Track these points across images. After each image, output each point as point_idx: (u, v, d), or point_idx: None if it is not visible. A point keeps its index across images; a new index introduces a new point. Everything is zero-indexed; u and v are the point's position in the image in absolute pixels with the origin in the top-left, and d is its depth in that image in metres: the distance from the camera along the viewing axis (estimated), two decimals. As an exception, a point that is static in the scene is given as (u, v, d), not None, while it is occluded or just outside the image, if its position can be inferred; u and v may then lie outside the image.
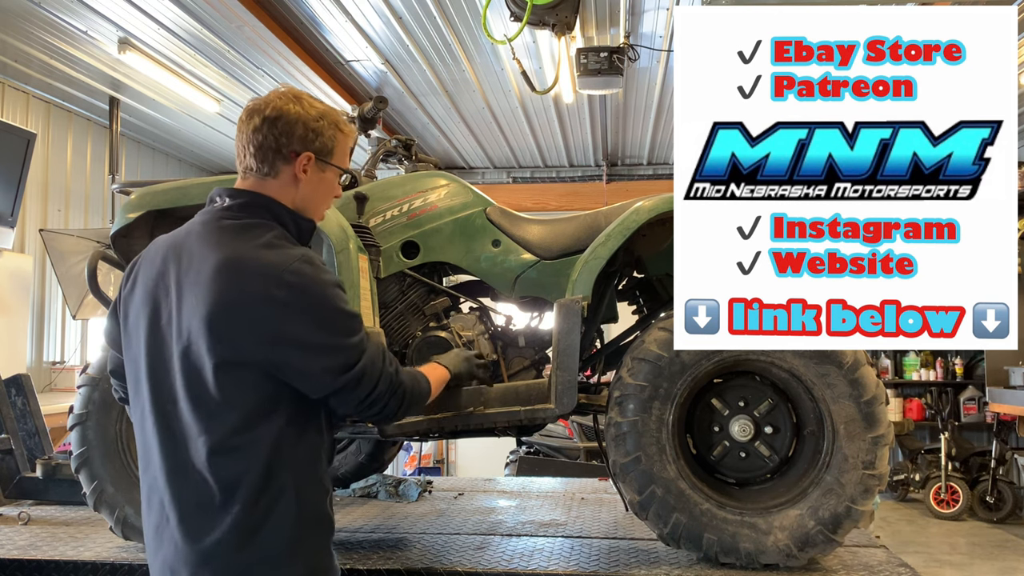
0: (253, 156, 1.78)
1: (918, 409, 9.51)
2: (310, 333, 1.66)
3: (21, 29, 5.85)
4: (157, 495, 1.69)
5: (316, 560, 1.69)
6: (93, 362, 2.96)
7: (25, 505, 3.69)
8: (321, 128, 1.80)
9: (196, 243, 1.73)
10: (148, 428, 1.71)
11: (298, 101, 1.79)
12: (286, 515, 1.65)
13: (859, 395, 2.50)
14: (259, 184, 1.80)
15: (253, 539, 1.62)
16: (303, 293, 1.65)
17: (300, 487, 1.68)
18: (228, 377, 1.63)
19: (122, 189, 3.13)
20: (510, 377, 2.92)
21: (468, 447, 9.37)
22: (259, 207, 1.77)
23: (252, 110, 1.79)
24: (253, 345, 1.63)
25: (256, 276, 1.64)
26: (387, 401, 1.80)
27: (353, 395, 1.74)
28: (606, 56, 5.75)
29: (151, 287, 1.75)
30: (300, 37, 6.19)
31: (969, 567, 6.75)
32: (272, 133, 1.76)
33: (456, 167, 10.29)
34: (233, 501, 1.62)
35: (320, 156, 1.81)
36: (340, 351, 1.70)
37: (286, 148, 1.77)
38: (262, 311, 1.63)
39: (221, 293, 1.63)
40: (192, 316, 1.65)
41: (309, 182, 1.81)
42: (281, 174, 1.79)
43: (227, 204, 1.78)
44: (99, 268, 2.95)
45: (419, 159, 3.37)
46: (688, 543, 2.55)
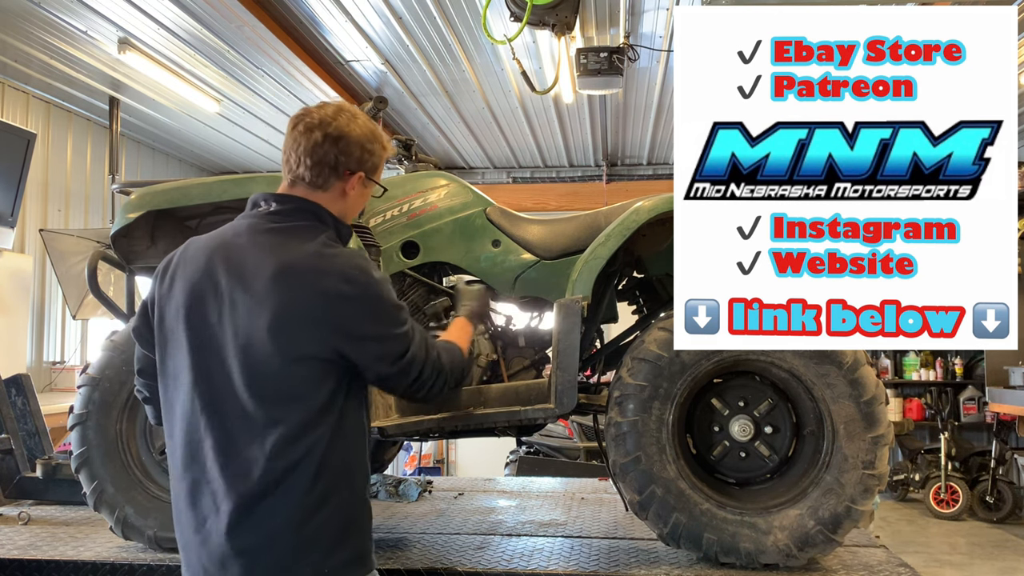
0: (309, 169, 1.86)
1: (918, 409, 9.51)
2: (369, 324, 1.79)
3: (21, 29, 5.85)
4: (208, 489, 1.73)
5: (363, 542, 1.81)
6: (93, 362, 2.96)
7: (25, 505, 3.69)
8: (374, 149, 1.93)
9: (248, 245, 1.79)
10: (198, 425, 1.75)
11: (355, 119, 1.90)
12: (342, 499, 1.76)
13: (859, 395, 2.50)
14: (308, 193, 1.88)
15: (310, 522, 1.71)
16: (363, 288, 1.78)
17: (353, 473, 1.79)
18: (296, 372, 1.72)
19: (122, 189, 3.14)
20: (510, 377, 2.92)
21: (468, 447, 9.37)
22: (307, 212, 1.87)
23: (312, 125, 1.85)
24: (320, 339, 1.73)
25: (322, 274, 1.74)
26: (432, 384, 1.92)
27: (403, 379, 1.87)
28: (606, 56, 5.75)
29: (195, 287, 1.79)
30: (300, 37, 6.19)
31: (969, 567, 6.75)
32: (333, 152, 1.86)
33: (456, 167, 10.29)
34: (294, 487, 1.70)
35: (369, 175, 1.94)
36: (393, 340, 1.82)
37: (343, 167, 1.88)
38: (329, 307, 1.73)
39: (286, 293, 1.72)
40: (255, 316, 1.72)
41: (354, 196, 1.94)
42: (332, 188, 1.89)
43: (275, 208, 1.86)
44: (99, 268, 2.96)
45: (419, 159, 3.37)
46: (688, 543, 2.55)
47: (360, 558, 1.79)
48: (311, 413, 1.72)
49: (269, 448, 1.70)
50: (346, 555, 1.75)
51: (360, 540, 1.80)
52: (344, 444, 1.77)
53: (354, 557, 1.77)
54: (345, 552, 1.75)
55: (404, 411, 2.78)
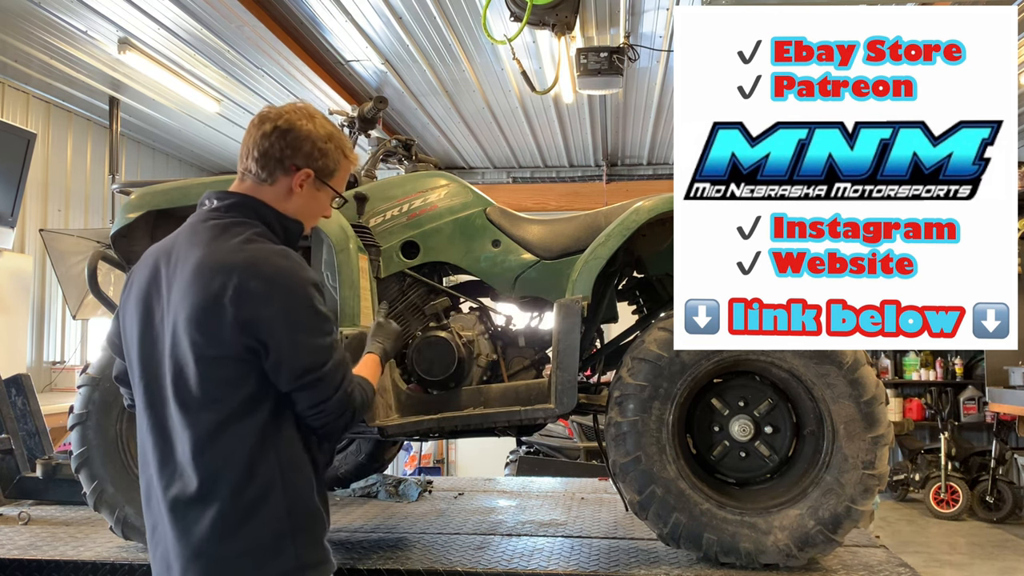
0: (256, 161, 1.82)
1: (918, 409, 9.51)
2: (281, 326, 1.67)
3: (21, 29, 5.85)
4: (154, 493, 1.73)
5: (307, 554, 1.71)
6: (93, 362, 2.96)
7: (25, 505, 3.69)
8: (328, 150, 1.85)
9: (183, 244, 1.77)
10: (143, 428, 1.76)
11: (311, 119, 1.84)
12: (272, 509, 1.67)
13: (859, 395, 2.50)
14: (254, 188, 1.83)
15: (238, 532, 1.65)
16: (277, 285, 1.68)
17: (286, 481, 1.70)
18: (210, 372, 1.66)
19: (122, 189, 3.14)
20: (510, 377, 2.93)
21: (468, 447, 9.37)
22: (245, 207, 1.81)
23: (265, 117, 1.83)
24: (230, 338, 1.65)
25: (233, 270, 1.67)
26: (337, 416, 1.76)
27: (305, 397, 1.72)
28: (606, 56, 5.75)
29: (144, 291, 1.79)
30: (300, 37, 6.19)
31: (969, 567, 6.74)
32: (279, 143, 1.80)
33: (456, 167, 10.28)
34: (216, 495, 1.65)
35: (320, 175, 1.85)
36: (305, 350, 1.70)
37: (289, 160, 1.81)
38: (237, 303, 1.65)
39: (201, 289, 1.67)
40: (178, 314, 1.69)
41: (302, 196, 1.85)
42: (278, 183, 1.82)
43: (215, 206, 1.82)
44: (99, 268, 2.95)
45: (419, 159, 3.37)
46: (688, 543, 2.55)
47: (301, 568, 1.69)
48: (230, 417, 1.66)
49: (189, 453, 1.66)
50: (285, 566, 1.67)
51: (304, 553, 1.70)
52: (278, 452, 1.69)
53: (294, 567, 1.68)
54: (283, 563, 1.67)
55: (404, 411, 2.78)
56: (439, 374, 2.79)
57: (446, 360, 2.78)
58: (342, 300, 2.67)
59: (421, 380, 2.84)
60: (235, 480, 1.65)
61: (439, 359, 2.79)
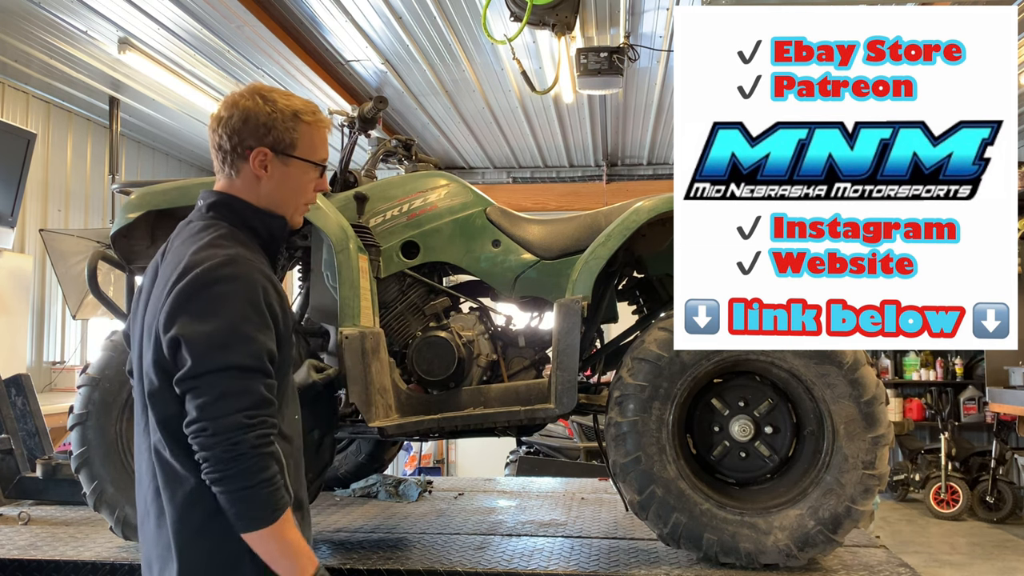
0: (217, 158, 1.76)
1: (918, 409, 9.51)
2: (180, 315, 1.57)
3: (21, 29, 5.85)
4: (141, 490, 1.73)
5: None
6: (93, 362, 2.96)
7: (25, 505, 3.69)
8: (273, 121, 1.70)
9: (173, 243, 1.75)
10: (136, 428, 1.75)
11: (252, 96, 1.72)
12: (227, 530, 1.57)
13: (859, 395, 2.50)
14: (228, 185, 1.76)
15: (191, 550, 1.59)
16: (193, 277, 1.58)
17: None
18: (158, 371, 1.61)
19: (122, 189, 3.13)
20: (510, 377, 2.93)
21: (468, 447, 9.37)
22: (223, 206, 1.74)
23: (213, 116, 1.76)
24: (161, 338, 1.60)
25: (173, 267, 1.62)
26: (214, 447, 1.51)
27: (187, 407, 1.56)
28: (606, 56, 5.74)
29: (145, 288, 1.78)
30: (300, 37, 6.19)
31: (969, 567, 6.74)
32: (225, 132, 1.71)
33: (456, 167, 10.28)
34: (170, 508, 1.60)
35: (278, 150, 1.72)
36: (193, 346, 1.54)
37: (240, 146, 1.71)
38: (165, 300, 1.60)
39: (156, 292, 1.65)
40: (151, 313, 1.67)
41: (271, 178, 1.73)
42: (242, 173, 1.73)
43: (200, 204, 1.78)
44: (99, 268, 2.95)
45: (419, 159, 3.37)
46: (688, 543, 2.55)
47: None
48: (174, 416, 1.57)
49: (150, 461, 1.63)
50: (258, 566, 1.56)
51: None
52: None
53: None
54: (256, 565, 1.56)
55: (404, 411, 2.79)
56: (439, 374, 2.79)
57: (446, 360, 2.78)
58: (342, 300, 2.67)
59: (421, 380, 2.84)
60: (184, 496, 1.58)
61: (439, 359, 2.79)
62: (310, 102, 1.80)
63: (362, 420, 2.64)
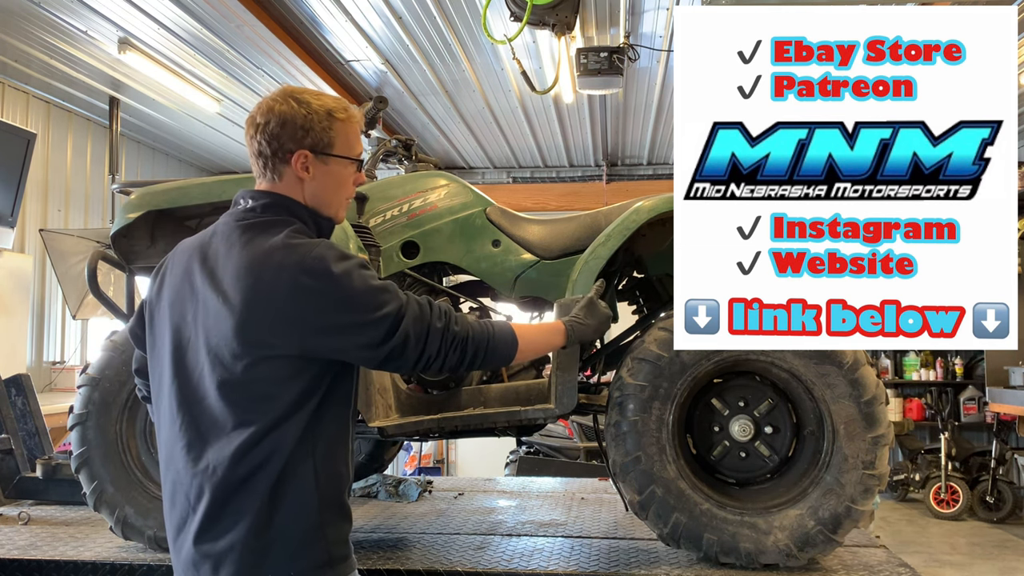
0: (258, 165, 1.81)
1: (918, 409, 9.52)
2: (339, 315, 1.67)
3: (21, 29, 5.85)
4: (182, 491, 1.72)
5: (335, 549, 1.73)
6: (93, 362, 2.96)
7: (25, 505, 3.69)
8: (310, 123, 1.77)
9: (221, 244, 1.76)
10: (175, 426, 1.74)
11: (286, 100, 1.78)
12: (305, 503, 1.69)
13: (859, 395, 2.50)
14: (273, 186, 1.81)
15: (271, 524, 1.66)
16: (325, 278, 1.66)
17: (320, 476, 1.71)
18: (263, 372, 1.66)
19: (122, 189, 3.13)
20: (510, 377, 2.92)
21: (468, 447, 9.37)
22: (279, 206, 1.79)
23: (248, 121, 1.81)
24: (286, 338, 1.65)
25: (281, 268, 1.66)
26: (445, 356, 1.78)
27: (403, 361, 1.75)
28: (606, 56, 5.75)
29: (178, 288, 1.78)
30: (300, 37, 6.19)
31: (969, 567, 6.75)
32: (263, 138, 1.77)
33: (456, 167, 10.28)
34: (256, 491, 1.65)
35: (317, 151, 1.79)
36: (371, 326, 1.69)
37: (280, 151, 1.77)
38: (291, 302, 1.65)
39: (248, 291, 1.66)
40: (222, 316, 1.67)
41: (314, 179, 1.80)
42: (285, 176, 1.79)
43: (250, 205, 1.80)
44: (99, 268, 2.95)
45: (419, 159, 3.37)
46: (688, 543, 2.55)
47: (331, 563, 1.71)
48: (278, 415, 1.66)
49: (235, 450, 1.66)
50: (316, 558, 1.69)
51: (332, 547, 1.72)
52: (315, 447, 1.71)
53: (325, 561, 1.70)
54: (314, 555, 1.69)
55: (404, 411, 2.78)
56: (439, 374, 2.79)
57: (446, 360, 2.78)
58: (342, 300, 2.67)
59: (421, 380, 2.84)
60: (274, 475, 1.66)
61: (439, 359, 2.79)
62: (340, 98, 1.86)
63: (362, 420, 2.64)
